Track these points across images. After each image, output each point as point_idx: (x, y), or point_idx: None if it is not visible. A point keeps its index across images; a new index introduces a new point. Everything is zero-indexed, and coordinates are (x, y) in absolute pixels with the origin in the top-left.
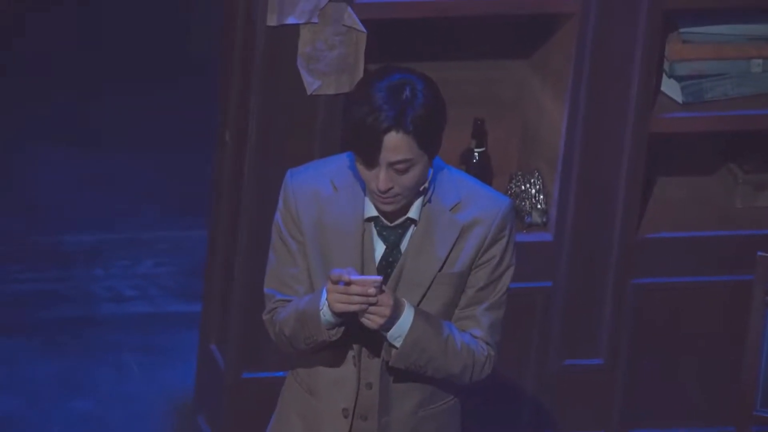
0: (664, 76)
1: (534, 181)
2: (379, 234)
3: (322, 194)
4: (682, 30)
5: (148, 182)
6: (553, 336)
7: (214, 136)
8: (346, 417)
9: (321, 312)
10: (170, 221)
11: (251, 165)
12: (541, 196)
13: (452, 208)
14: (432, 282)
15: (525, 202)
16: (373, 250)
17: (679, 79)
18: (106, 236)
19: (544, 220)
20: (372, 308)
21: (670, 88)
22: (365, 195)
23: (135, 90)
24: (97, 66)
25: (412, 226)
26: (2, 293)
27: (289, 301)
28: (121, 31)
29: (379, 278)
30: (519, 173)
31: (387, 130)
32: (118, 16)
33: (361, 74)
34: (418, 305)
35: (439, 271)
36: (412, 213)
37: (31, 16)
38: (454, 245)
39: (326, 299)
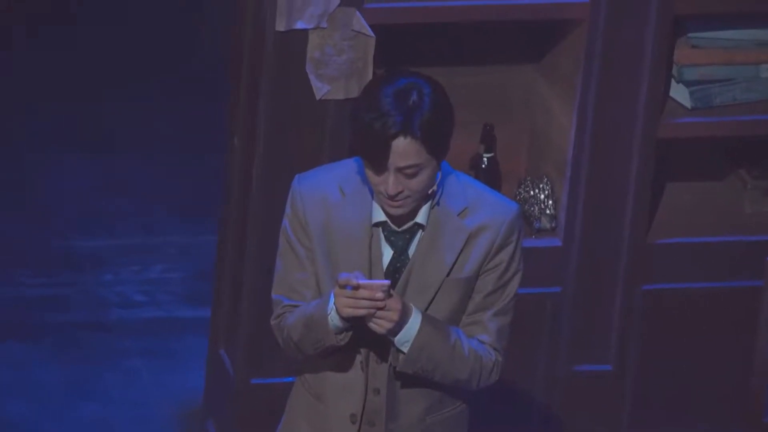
0: (672, 81)
1: (543, 186)
2: (387, 239)
3: (330, 199)
4: (691, 35)
5: (156, 186)
6: (562, 341)
7: (222, 139)
8: (353, 423)
9: (329, 317)
10: (179, 226)
11: (259, 170)
12: (550, 201)
13: (460, 214)
14: (439, 287)
15: (534, 207)
16: (380, 255)
17: (687, 84)
18: (114, 241)
19: (553, 225)
20: (380, 313)
21: (678, 93)
22: (373, 200)
23: (139, 91)
24: (100, 68)
25: (420, 231)
26: (11, 297)
27: (296, 306)
28: (125, 33)
29: (387, 282)
30: (528, 178)
31: (395, 136)
32: (122, 17)
33: (369, 79)
34: (425, 310)
35: (447, 276)
36: (420, 218)
37: (31, 16)
38: (461, 251)
39: (334, 304)
